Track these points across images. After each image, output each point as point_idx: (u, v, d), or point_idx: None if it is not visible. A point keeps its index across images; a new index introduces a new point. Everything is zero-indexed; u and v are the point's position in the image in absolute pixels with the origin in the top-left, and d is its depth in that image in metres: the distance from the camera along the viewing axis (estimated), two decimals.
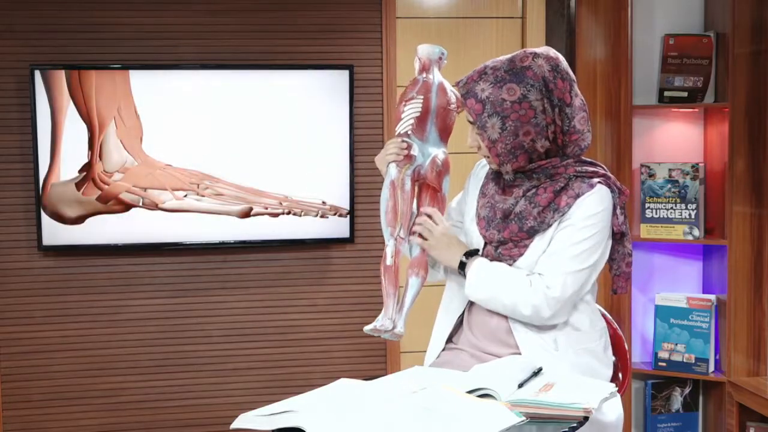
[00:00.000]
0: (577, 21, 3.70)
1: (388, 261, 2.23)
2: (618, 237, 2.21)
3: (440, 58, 2.29)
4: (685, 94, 3.60)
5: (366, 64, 3.71)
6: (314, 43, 3.69)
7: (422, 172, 2.27)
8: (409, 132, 2.25)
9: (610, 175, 2.19)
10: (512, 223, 2.15)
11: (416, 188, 2.29)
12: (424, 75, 2.27)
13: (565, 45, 3.69)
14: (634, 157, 3.62)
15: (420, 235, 2.24)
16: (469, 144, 2.19)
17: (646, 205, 3.65)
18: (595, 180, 2.14)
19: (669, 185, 3.61)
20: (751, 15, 3.45)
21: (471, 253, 2.20)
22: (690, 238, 3.59)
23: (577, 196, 2.12)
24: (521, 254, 2.15)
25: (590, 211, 2.11)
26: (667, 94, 3.63)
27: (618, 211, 2.17)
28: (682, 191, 3.59)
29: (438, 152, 2.28)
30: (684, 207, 3.60)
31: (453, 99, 2.28)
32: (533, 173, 2.15)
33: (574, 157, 2.15)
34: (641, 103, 3.67)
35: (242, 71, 3.57)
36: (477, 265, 2.16)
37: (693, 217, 3.58)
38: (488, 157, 2.17)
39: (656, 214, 3.63)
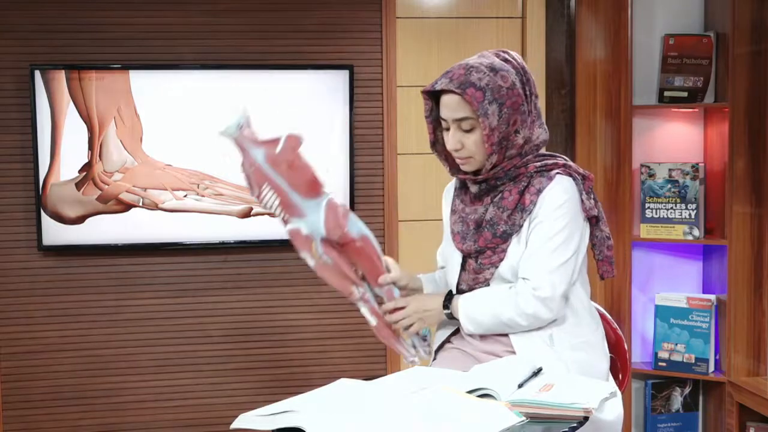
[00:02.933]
0: (577, 21, 3.70)
1: (372, 323, 2.22)
2: (593, 222, 2.20)
3: (241, 128, 2.08)
4: (685, 94, 3.60)
5: (366, 64, 3.71)
6: (314, 43, 3.68)
7: (324, 237, 2.16)
8: (286, 218, 2.15)
9: (571, 163, 2.18)
10: (485, 231, 2.15)
11: (337, 250, 2.18)
12: (245, 165, 2.11)
13: (565, 45, 3.69)
14: (634, 157, 3.62)
15: (409, 326, 2.21)
16: (450, 147, 2.15)
17: (646, 205, 3.65)
18: (554, 172, 2.13)
19: (669, 185, 3.61)
20: (751, 15, 3.44)
21: (448, 298, 2.20)
22: (690, 238, 3.59)
23: (539, 191, 2.11)
24: (501, 260, 2.15)
25: (555, 203, 2.10)
26: (667, 94, 3.63)
27: (584, 196, 2.15)
28: (682, 191, 3.59)
29: (320, 209, 2.15)
30: (684, 207, 3.59)
31: (284, 140, 2.10)
32: (497, 180, 2.15)
33: (532, 153, 2.15)
34: (641, 103, 3.67)
35: (242, 71, 3.57)
36: (460, 306, 2.17)
37: (693, 217, 3.58)
38: (464, 160, 2.14)
39: (656, 214, 3.63)
